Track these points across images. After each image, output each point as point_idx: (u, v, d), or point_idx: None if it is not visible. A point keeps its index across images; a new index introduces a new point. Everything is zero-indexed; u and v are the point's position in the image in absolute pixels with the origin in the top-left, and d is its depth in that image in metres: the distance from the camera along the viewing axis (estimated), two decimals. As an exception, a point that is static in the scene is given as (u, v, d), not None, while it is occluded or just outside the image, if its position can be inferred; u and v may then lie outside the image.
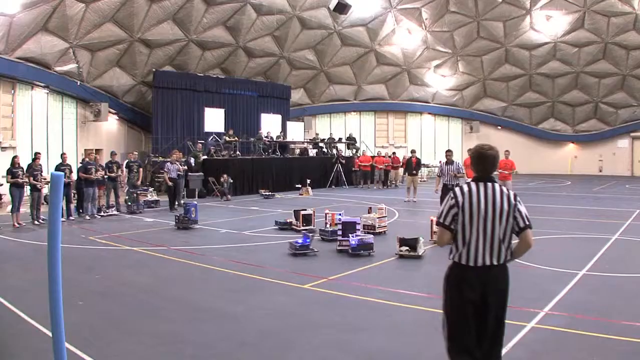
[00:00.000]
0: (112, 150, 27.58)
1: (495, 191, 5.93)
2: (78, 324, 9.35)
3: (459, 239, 5.91)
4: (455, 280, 5.96)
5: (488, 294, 5.85)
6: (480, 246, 5.82)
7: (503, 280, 5.99)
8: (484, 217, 5.83)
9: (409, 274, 13.79)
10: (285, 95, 45.45)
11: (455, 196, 5.98)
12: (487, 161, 6.05)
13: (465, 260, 5.86)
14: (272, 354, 8.40)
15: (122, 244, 17.35)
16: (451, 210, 5.97)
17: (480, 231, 5.83)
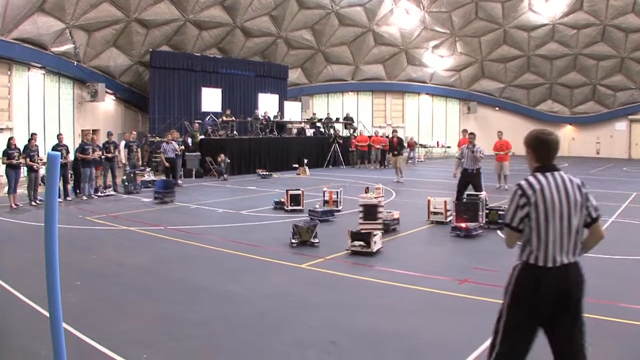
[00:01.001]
0: (109, 131, 27.53)
1: (565, 181, 5.39)
2: (76, 305, 9.39)
3: (533, 238, 5.33)
4: (530, 282, 5.31)
5: (566, 294, 5.25)
6: (558, 244, 5.25)
7: (580, 277, 5.34)
8: (560, 212, 5.27)
9: (403, 254, 13.83)
10: (282, 75, 45.32)
11: (524, 193, 5.36)
12: (550, 148, 5.54)
13: (543, 261, 5.26)
14: (269, 334, 8.45)
15: (119, 224, 17.38)
16: (521, 210, 5.39)
17: (557, 228, 5.26)
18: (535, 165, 5.55)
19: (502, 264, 12.64)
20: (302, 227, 14.48)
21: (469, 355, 7.52)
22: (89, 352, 7.56)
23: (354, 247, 13.44)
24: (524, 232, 5.42)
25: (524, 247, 5.45)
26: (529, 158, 5.62)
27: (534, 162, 5.56)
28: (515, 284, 5.46)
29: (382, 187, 20.74)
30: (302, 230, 14.38)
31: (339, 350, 7.84)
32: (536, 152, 5.55)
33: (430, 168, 41.43)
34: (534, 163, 5.56)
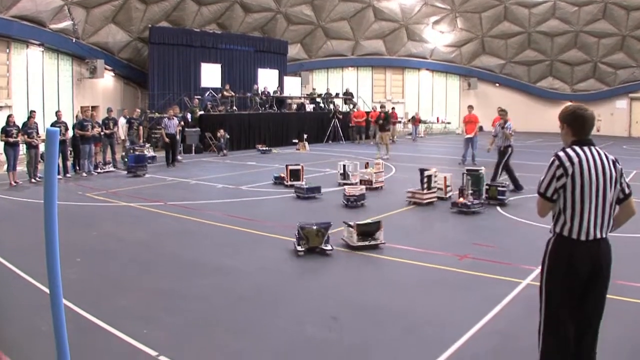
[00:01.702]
0: (109, 107, 27.46)
1: (602, 155, 5.45)
2: (76, 281, 9.42)
3: (568, 211, 5.36)
4: (563, 255, 5.40)
5: (597, 269, 5.38)
6: (592, 218, 5.31)
7: (610, 253, 5.50)
8: (596, 185, 5.34)
9: (402, 229, 13.84)
10: (282, 51, 45.06)
11: (562, 164, 5.37)
12: (586, 122, 5.57)
13: (577, 234, 5.32)
14: (268, 309, 8.48)
15: (119, 200, 17.39)
16: (557, 181, 5.39)
17: (592, 202, 5.32)
18: (571, 139, 5.59)
19: (502, 241, 12.73)
20: (311, 229, 11.39)
21: (469, 330, 7.55)
22: (90, 327, 7.59)
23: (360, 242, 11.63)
24: (557, 202, 5.46)
25: (558, 219, 5.49)
26: (564, 133, 5.67)
27: (570, 137, 5.60)
28: (549, 258, 5.55)
29: (382, 163, 20.78)
30: (311, 234, 11.34)
31: (340, 325, 7.87)
32: (572, 127, 5.59)
33: (430, 144, 41.35)
34: (569, 137, 5.61)
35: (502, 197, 16.46)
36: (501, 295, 8.95)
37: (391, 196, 18.12)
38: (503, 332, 7.58)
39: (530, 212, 15.56)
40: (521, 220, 14.76)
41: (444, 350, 6.93)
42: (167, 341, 7.18)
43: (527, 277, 9.90)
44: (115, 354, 6.86)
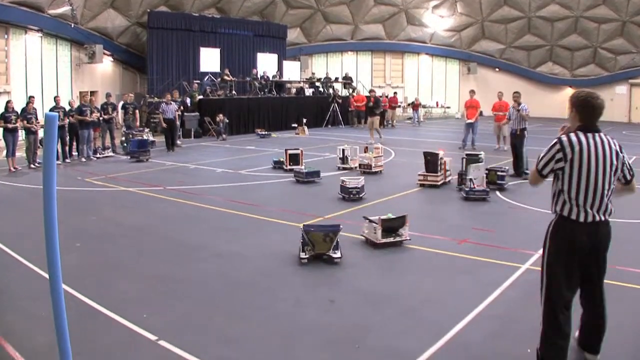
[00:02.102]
0: (108, 92, 27.40)
1: (604, 143, 5.69)
2: (75, 266, 9.45)
3: (566, 193, 5.70)
4: (564, 235, 5.76)
5: (596, 249, 5.79)
6: (590, 202, 5.64)
7: (609, 235, 5.89)
8: (595, 173, 5.61)
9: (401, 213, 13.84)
10: (281, 35, 44.90)
11: (563, 149, 5.63)
12: (595, 110, 5.77)
13: (576, 215, 5.66)
14: (268, 293, 8.51)
15: (118, 185, 17.39)
16: (555, 163, 5.70)
17: (590, 188, 5.62)
18: (577, 124, 5.79)
19: (500, 225, 12.76)
20: (317, 234, 9.96)
21: (468, 314, 7.57)
22: (89, 312, 7.62)
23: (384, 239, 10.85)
24: (555, 182, 5.82)
25: (557, 199, 5.82)
26: (572, 117, 5.86)
27: (577, 122, 5.80)
28: (551, 239, 5.90)
29: (381, 147, 20.77)
30: (317, 239, 9.93)
31: (338, 308, 7.90)
32: (580, 113, 5.77)
33: (431, 128, 41.31)
34: (576, 122, 5.80)
35: (502, 182, 16.46)
36: (500, 279, 8.97)
37: (390, 180, 18.13)
38: (502, 317, 7.61)
39: (530, 196, 15.63)
40: (520, 205, 14.79)
41: (443, 334, 6.96)
42: (167, 326, 7.20)
43: (526, 261, 9.91)
44: (115, 339, 6.88)
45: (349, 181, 15.28)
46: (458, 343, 6.82)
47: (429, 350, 6.57)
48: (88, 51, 35.24)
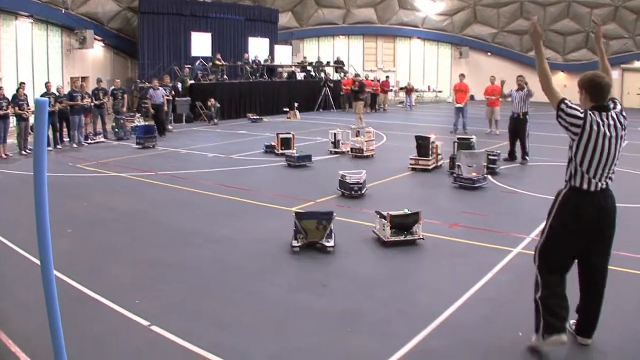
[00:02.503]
0: (98, 77, 27.27)
1: (616, 120, 6.00)
2: (67, 252, 9.43)
3: (578, 165, 5.99)
4: (573, 205, 6.07)
5: (604, 215, 6.08)
6: (599, 173, 5.96)
7: (614, 210, 6.18)
8: (608, 148, 5.91)
9: (393, 196, 13.87)
10: (272, 19, 44.72)
11: (585, 117, 5.92)
12: (603, 89, 6.06)
13: (587, 185, 5.98)
14: (260, 277, 8.54)
15: (110, 170, 17.36)
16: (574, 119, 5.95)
17: (602, 160, 5.93)
18: (589, 104, 6.05)
19: (492, 209, 12.80)
20: (310, 221, 9.84)
21: (459, 298, 7.61)
22: (82, 298, 7.62)
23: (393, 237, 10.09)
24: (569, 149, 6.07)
25: (569, 167, 6.10)
26: (583, 98, 6.12)
27: (589, 102, 6.06)
28: (560, 204, 6.19)
29: (373, 131, 20.77)
30: (310, 227, 9.80)
31: (330, 292, 7.93)
32: (590, 93, 6.04)
33: (422, 112, 41.27)
34: (588, 103, 6.07)
35: (494, 166, 16.46)
36: (492, 263, 9.01)
37: (382, 164, 18.14)
38: (493, 300, 7.65)
39: (522, 181, 15.67)
40: (512, 189, 14.82)
41: (435, 318, 6.99)
42: (159, 311, 7.21)
43: (517, 245, 9.96)
44: (107, 324, 6.89)
45: (350, 176, 13.96)
46: (450, 326, 6.85)
47: (420, 333, 6.60)
48: (79, 36, 35.04)
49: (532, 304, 6.31)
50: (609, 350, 6.37)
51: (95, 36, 35.83)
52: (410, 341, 6.41)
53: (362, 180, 13.86)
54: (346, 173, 14.07)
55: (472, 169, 15.06)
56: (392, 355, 6.10)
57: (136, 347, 6.33)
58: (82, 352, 6.02)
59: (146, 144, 22.48)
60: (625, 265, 8.93)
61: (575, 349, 6.34)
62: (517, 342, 6.49)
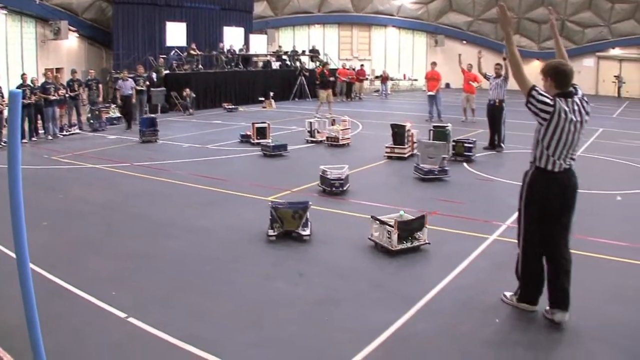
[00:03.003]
0: (73, 69, 27.03)
1: (581, 106, 6.49)
2: (43, 245, 9.37)
3: (545, 148, 6.46)
4: (541, 185, 6.56)
5: (567, 194, 6.60)
6: (563, 155, 6.44)
7: (576, 179, 6.68)
8: (573, 132, 6.40)
9: (369, 185, 13.91)
10: (247, 8, 44.52)
11: (555, 104, 6.32)
12: (567, 76, 6.45)
13: (552, 167, 6.47)
14: (238, 267, 8.56)
15: (86, 162, 17.25)
16: (544, 106, 6.35)
17: (567, 143, 6.42)
18: (555, 91, 6.45)
19: (468, 197, 12.85)
20: (286, 210, 9.87)
21: (436, 285, 7.67)
22: (58, 291, 7.59)
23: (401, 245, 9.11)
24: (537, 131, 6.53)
25: (536, 150, 6.59)
26: (548, 85, 6.52)
27: (554, 89, 6.47)
28: (528, 185, 6.70)
29: (349, 119, 20.78)
30: (286, 216, 9.80)
31: (307, 281, 7.96)
32: (555, 80, 6.46)
33: (398, 101, 41.35)
34: (553, 90, 6.47)
35: (469, 154, 16.51)
36: (468, 250, 9.07)
37: (357, 153, 18.19)
38: (471, 287, 7.70)
39: (497, 169, 15.75)
40: (487, 176, 14.90)
41: (413, 305, 7.05)
42: (136, 303, 7.20)
43: (493, 232, 10.04)
44: (84, 317, 6.86)
45: (331, 171, 13.17)
46: (427, 313, 6.91)
47: (398, 320, 6.64)
48: (53, 27, 34.75)
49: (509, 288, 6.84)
50: (583, 332, 6.49)
51: (69, 27, 35.56)
52: (388, 328, 6.45)
53: (344, 175, 13.13)
54: (327, 168, 13.32)
55: (432, 161, 14.75)
56: (371, 343, 6.14)
57: (114, 340, 6.31)
58: (60, 346, 6.01)
59: (150, 138, 21.17)
60: (595, 250, 9.09)
61: (551, 332, 6.49)
62: (494, 328, 6.55)
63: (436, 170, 14.41)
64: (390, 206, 11.51)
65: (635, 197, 13.10)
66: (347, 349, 6.03)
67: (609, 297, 7.46)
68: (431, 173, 14.39)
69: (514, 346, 6.20)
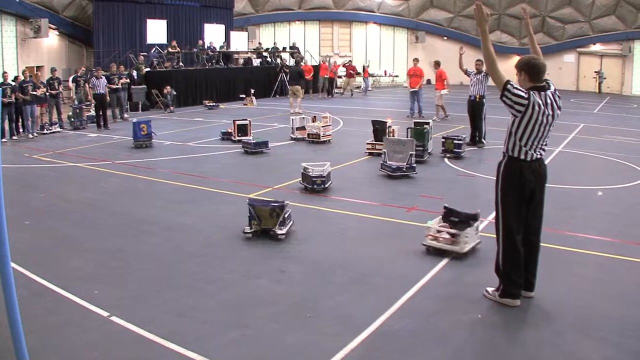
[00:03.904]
0: (53, 67, 26.93)
1: (553, 100, 6.77)
2: (25, 244, 9.36)
3: (518, 140, 6.78)
4: (515, 173, 6.85)
5: (539, 182, 6.92)
6: (535, 145, 6.77)
7: (546, 169, 7.05)
8: (545, 123, 6.70)
9: (351, 181, 13.95)
10: (228, 5, 44.41)
11: (529, 97, 6.62)
12: (540, 70, 6.78)
13: (524, 156, 6.79)
14: (219, 264, 8.59)
15: (67, 160, 17.18)
16: (519, 98, 6.65)
17: (539, 134, 6.73)
18: (529, 85, 6.79)
19: (449, 192, 12.89)
20: (263, 208, 9.83)
21: (418, 281, 7.72)
22: (40, 290, 7.57)
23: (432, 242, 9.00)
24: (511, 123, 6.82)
25: (509, 141, 6.89)
26: (522, 79, 6.88)
27: (527, 82, 6.81)
28: (503, 177, 6.99)
29: (330, 116, 20.80)
30: (264, 214, 9.78)
31: (289, 278, 7.98)
32: (529, 74, 6.80)
33: (379, 97, 41.37)
34: (527, 83, 6.81)
35: (459, 150, 16.53)
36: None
37: (339, 149, 18.24)
38: (452, 282, 7.77)
39: (478, 164, 15.82)
40: (469, 172, 14.97)
41: (394, 301, 7.08)
42: (119, 301, 7.20)
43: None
44: (66, 317, 6.85)
45: (312, 168, 13.07)
46: (409, 309, 6.95)
47: (381, 317, 6.68)
48: (33, 25, 34.60)
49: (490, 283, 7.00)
50: (571, 328, 6.53)
51: (50, 25, 35.39)
52: (370, 325, 6.49)
53: (325, 173, 13.03)
54: (309, 165, 13.22)
55: (400, 157, 14.57)
56: (354, 339, 6.17)
57: (97, 339, 6.31)
58: (43, 345, 6.01)
59: (144, 144, 19.60)
60: (578, 246, 9.20)
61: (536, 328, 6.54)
62: (477, 324, 6.60)
63: (404, 167, 14.32)
64: (370, 202, 11.58)
65: (616, 192, 13.21)
66: (330, 346, 6.07)
67: (593, 293, 7.55)
68: (399, 170, 14.30)
69: (497, 343, 6.26)
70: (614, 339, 6.23)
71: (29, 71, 24.24)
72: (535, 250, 7.16)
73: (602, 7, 47.16)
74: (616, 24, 47.58)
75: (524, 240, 7.02)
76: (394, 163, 14.44)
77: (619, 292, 7.53)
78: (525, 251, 7.01)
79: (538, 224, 7.14)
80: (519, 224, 6.96)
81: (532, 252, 7.12)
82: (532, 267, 7.15)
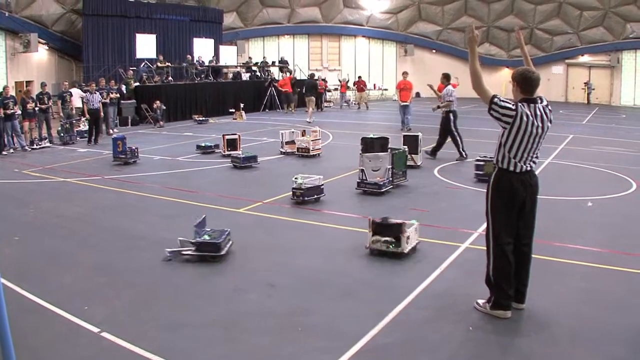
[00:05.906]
0: (43, 82, 26.91)
1: (543, 112, 6.87)
2: (15, 260, 9.35)
3: (507, 152, 6.89)
4: (505, 184, 6.95)
5: (529, 193, 6.98)
6: (524, 157, 6.86)
7: (537, 180, 7.13)
8: (535, 135, 6.78)
9: (340, 195, 13.96)
10: (217, 20, 44.50)
11: (517, 113, 6.74)
12: (533, 83, 6.89)
13: (514, 167, 6.89)
14: (209, 279, 8.60)
15: (56, 175, 17.15)
16: (507, 110, 6.78)
17: (529, 147, 6.81)
18: (520, 96, 6.92)
19: (439, 206, 12.92)
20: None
21: (409, 294, 7.72)
22: (31, 307, 7.54)
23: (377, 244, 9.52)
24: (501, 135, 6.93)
25: (499, 152, 7.00)
26: (515, 90, 7.00)
27: (520, 94, 6.94)
28: (493, 188, 7.07)
29: (319, 130, 20.83)
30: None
31: (278, 292, 7.98)
32: (521, 86, 6.92)
33: (369, 111, 41.41)
34: (519, 95, 6.94)
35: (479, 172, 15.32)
36: (440, 258, 9.16)
37: (328, 163, 18.25)
38: (443, 296, 7.76)
39: (466, 177, 15.83)
40: (459, 185, 14.99)
41: (385, 315, 7.08)
42: (109, 317, 7.18)
43: (465, 240, 10.12)
44: (57, 333, 6.84)
45: (303, 182, 13.06)
46: (400, 323, 6.95)
47: (371, 331, 6.68)
48: (23, 40, 34.59)
49: (481, 296, 7.06)
50: (562, 338, 6.56)
51: (39, 39, 35.38)
52: (361, 339, 6.48)
53: (315, 186, 13.16)
54: (299, 179, 13.17)
55: (377, 173, 14.33)
56: (345, 353, 6.17)
57: (88, 355, 6.30)
58: (33, 362, 6.01)
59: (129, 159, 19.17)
60: (567, 256, 9.23)
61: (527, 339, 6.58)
62: (468, 336, 6.61)
63: (382, 182, 14.03)
64: (360, 215, 11.60)
65: (605, 203, 13.29)
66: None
67: (582, 302, 7.59)
68: (376, 186, 14.03)
69: (489, 355, 6.27)
70: (604, 348, 6.27)
71: (19, 87, 24.13)
72: (527, 260, 7.18)
73: (590, 19, 47.49)
74: (604, 35, 47.93)
75: (516, 250, 7.06)
76: (372, 180, 14.16)
77: (609, 302, 7.57)
78: (516, 261, 7.04)
79: (529, 234, 7.17)
80: (509, 235, 7.00)
81: (524, 263, 7.16)
82: (524, 276, 7.18)
